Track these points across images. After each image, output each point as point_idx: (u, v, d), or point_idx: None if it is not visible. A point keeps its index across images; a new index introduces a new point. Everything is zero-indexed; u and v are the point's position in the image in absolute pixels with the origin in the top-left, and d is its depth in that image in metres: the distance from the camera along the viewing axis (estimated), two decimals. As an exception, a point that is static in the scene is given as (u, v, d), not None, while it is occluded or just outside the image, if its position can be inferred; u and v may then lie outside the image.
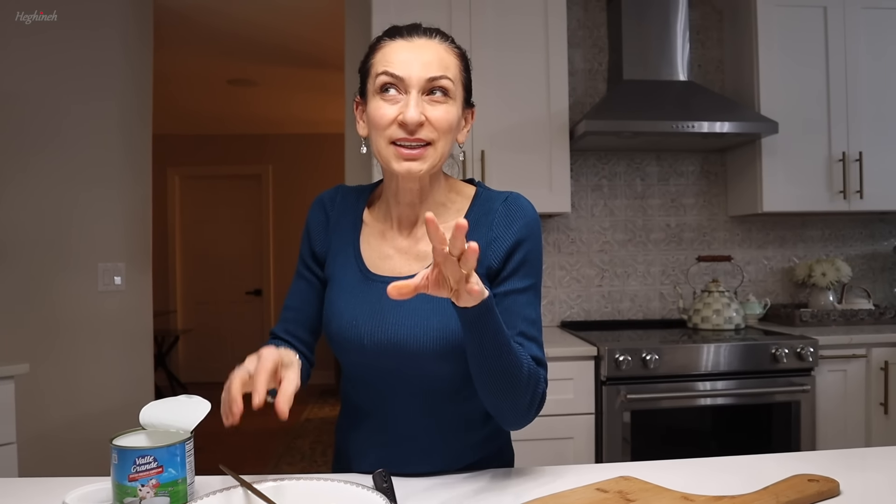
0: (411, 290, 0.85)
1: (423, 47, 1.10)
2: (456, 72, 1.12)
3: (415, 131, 1.07)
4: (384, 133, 1.08)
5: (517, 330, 1.11)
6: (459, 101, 1.13)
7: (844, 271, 3.09)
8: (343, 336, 1.15)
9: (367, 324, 1.13)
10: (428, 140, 1.08)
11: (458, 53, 1.15)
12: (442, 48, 1.11)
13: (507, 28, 2.83)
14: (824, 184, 2.98)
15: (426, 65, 1.08)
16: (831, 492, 0.99)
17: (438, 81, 1.08)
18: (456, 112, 1.11)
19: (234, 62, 4.86)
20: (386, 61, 1.09)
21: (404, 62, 1.08)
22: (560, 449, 2.47)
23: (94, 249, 3.09)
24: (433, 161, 1.10)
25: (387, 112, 1.07)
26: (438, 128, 1.08)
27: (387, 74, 1.08)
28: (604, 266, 3.27)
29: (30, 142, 2.95)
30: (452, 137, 1.13)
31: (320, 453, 4.55)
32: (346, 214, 1.24)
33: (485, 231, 1.15)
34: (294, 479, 0.96)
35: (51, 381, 2.94)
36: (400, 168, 1.08)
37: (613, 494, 0.98)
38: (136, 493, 0.89)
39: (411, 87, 1.07)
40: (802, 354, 2.51)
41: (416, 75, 1.07)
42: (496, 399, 1.05)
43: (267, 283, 7.05)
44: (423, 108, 1.07)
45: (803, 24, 2.97)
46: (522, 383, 1.04)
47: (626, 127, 2.76)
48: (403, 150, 1.07)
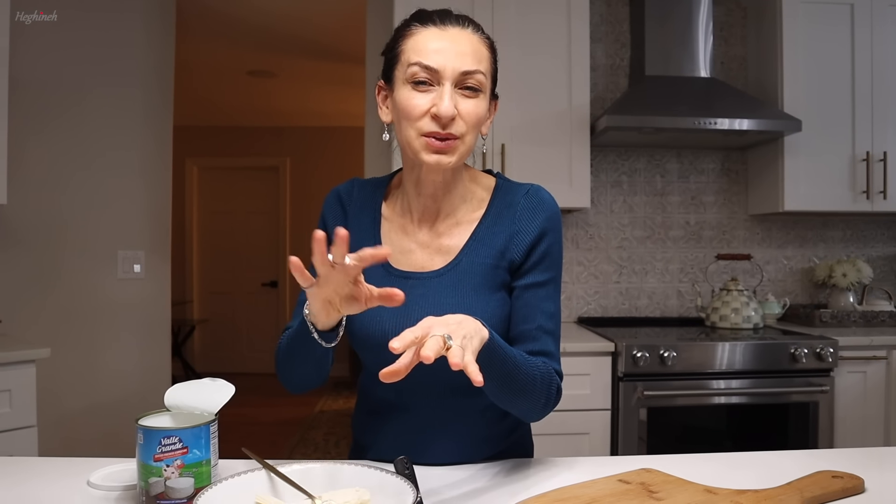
0: (404, 368, 0.84)
1: (457, 37, 1.07)
2: (488, 65, 1.10)
3: (447, 125, 1.05)
4: (415, 124, 1.06)
5: (535, 324, 1.11)
6: (488, 94, 1.11)
7: (865, 272, 3.06)
8: (366, 332, 1.14)
9: (391, 320, 1.12)
10: (459, 134, 1.07)
11: (489, 44, 1.12)
12: (475, 39, 1.09)
13: (529, 23, 2.82)
14: (847, 183, 2.95)
15: (461, 56, 1.06)
16: (856, 489, 0.98)
17: (473, 75, 1.06)
18: (485, 106, 1.10)
19: (255, 53, 4.87)
20: (418, 50, 1.06)
21: (438, 52, 1.05)
22: (576, 444, 2.47)
23: (114, 237, 3.12)
24: (461, 154, 1.09)
25: (419, 103, 1.05)
26: (469, 122, 1.07)
27: (420, 66, 1.05)
28: (622, 262, 3.26)
29: (52, 128, 2.98)
30: (479, 131, 1.12)
31: (333, 444, 4.57)
32: (364, 209, 1.23)
33: (507, 224, 1.15)
34: (319, 463, 0.96)
35: (70, 365, 2.97)
36: (429, 160, 1.07)
37: (636, 486, 0.98)
38: (161, 473, 0.89)
39: (445, 79, 1.05)
40: (822, 355, 2.49)
41: (451, 67, 1.05)
42: (510, 407, 1.07)
43: (283, 274, 7.08)
44: (455, 101, 1.05)
45: (829, 21, 2.93)
46: (536, 392, 1.05)
47: (648, 123, 2.75)
48: (434, 143, 1.06)
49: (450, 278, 1.13)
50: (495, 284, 1.13)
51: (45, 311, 2.96)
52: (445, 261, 1.15)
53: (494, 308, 1.12)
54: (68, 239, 3.02)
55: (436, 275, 1.14)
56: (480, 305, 1.10)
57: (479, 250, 1.14)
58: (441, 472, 1.10)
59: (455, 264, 1.14)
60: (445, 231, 1.17)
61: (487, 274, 1.13)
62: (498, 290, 1.13)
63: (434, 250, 1.17)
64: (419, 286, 1.13)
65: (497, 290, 1.13)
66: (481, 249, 1.14)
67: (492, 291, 1.13)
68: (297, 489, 0.90)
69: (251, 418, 5.21)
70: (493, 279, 1.13)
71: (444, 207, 1.17)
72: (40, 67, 2.94)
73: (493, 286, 1.13)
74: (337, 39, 4.47)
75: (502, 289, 1.14)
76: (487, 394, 1.03)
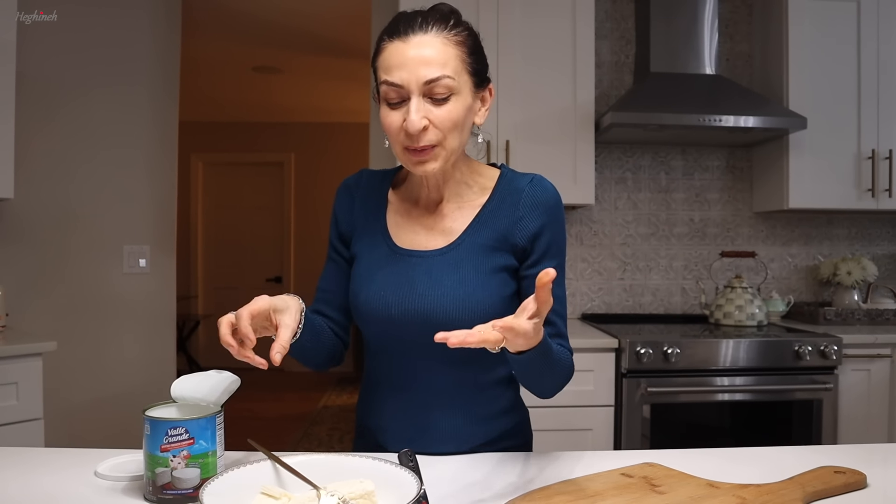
0: (461, 339, 0.84)
1: (420, 45, 1.07)
2: (456, 63, 1.09)
3: (419, 138, 1.08)
4: (395, 139, 1.11)
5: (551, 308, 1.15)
6: (467, 91, 1.11)
7: (870, 270, 3.06)
8: (371, 306, 1.17)
9: (395, 294, 1.16)
10: (434, 142, 1.09)
11: (459, 40, 1.11)
12: (439, 41, 1.08)
13: (534, 19, 2.81)
14: (852, 181, 2.94)
15: (424, 66, 1.06)
16: (858, 484, 0.99)
17: (437, 82, 1.07)
18: (462, 106, 1.10)
19: (260, 49, 4.88)
20: (385, 68, 1.09)
21: (400, 67, 1.06)
22: (578, 440, 2.47)
23: (119, 231, 3.14)
24: (445, 158, 1.12)
25: (394, 120, 1.09)
26: (443, 127, 1.09)
27: (386, 84, 1.08)
28: (626, 259, 3.26)
29: (59, 123, 2.99)
30: (463, 129, 1.13)
31: (337, 440, 4.58)
32: (371, 195, 1.28)
33: (511, 209, 1.18)
34: (323, 455, 0.97)
35: (76, 359, 2.99)
36: (416, 170, 1.12)
37: (639, 480, 0.98)
38: (168, 464, 0.90)
39: (411, 93, 1.07)
40: (826, 352, 2.49)
41: (415, 79, 1.06)
42: (532, 386, 1.12)
43: (287, 270, 7.10)
44: (425, 112, 1.07)
45: (835, 18, 2.92)
46: (559, 375, 1.11)
47: (653, 119, 2.75)
48: (414, 155, 1.10)
49: (452, 257, 1.17)
50: (496, 265, 1.17)
51: (52, 305, 2.97)
52: (448, 241, 1.19)
53: (494, 287, 1.15)
54: (74, 233, 3.03)
55: (438, 253, 1.18)
56: (481, 284, 1.14)
57: (481, 232, 1.18)
58: (444, 463, 1.10)
59: (457, 244, 1.18)
60: (449, 214, 1.21)
61: (489, 255, 1.17)
62: (499, 272, 1.17)
63: (437, 231, 1.21)
64: (422, 264, 1.17)
65: (498, 272, 1.17)
66: (484, 231, 1.19)
67: (493, 272, 1.16)
68: (303, 480, 0.91)
69: (255, 413, 5.23)
70: (495, 260, 1.17)
71: (447, 194, 1.22)
72: (47, 63, 2.95)
73: (494, 267, 1.16)
74: (342, 35, 4.48)
75: (503, 270, 1.18)
76: (518, 377, 1.10)
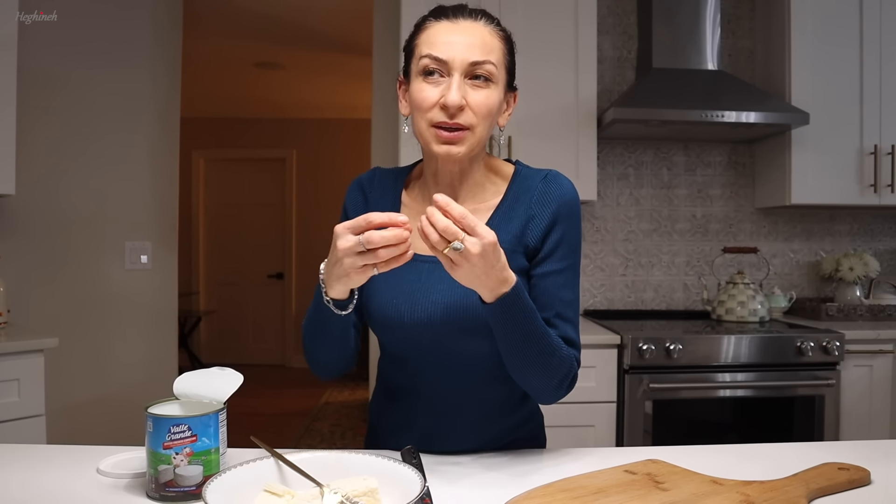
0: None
1: (468, 30, 1.10)
2: (500, 55, 1.12)
3: (455, 115, 1.07)
4: (425, 115, 1.09)
5: (554, 311, 1.12)
6: (502, 86, 1.13)
7: (872, 266, 3.05)
8: (383, 313, 1.16)
9: (407, 302, 1.14)
10: (467, 125, 1.08)
11: (503, 37, 1.15)
12: (487, 31, 1.12)
13: (536, 15, 2.81)
14: (855, 177, 2.93)
15: (470, 48, 1.08)
16: (862, 480, 0.99)
17: (481, 66, 1.08)
18: (497, 96, 1.11)
19: (262, 45, 4.87)
20: (430, 43, 1.09)
21: (448, 44, 1.08)
22: (581, 436, 2.47)
23: (121, 228, 3.13)
24: (472, 145, 1.10)
25: (429, 94, 1.08)
26: (478, 112, 1.09)
27: (430, 58, 1.08)
28: (628, 255, 3.25)
29: (61, 120, 2.99)
30: (492, 122, 1.13)
31: (339, 436, 4.59)
32: (384, 196, 1.25)
33: (524, 210, 1.16)
34: (327, 452, 0.97)
35: (78, 355, 2.99)
36: (439, 150, 1.09)
37: (642, 476, 0.98)
38: (171, 461, 0.90)
39: (454, 70, 1.07)
40: (828, 348, 2.49)
41: (460, 58, 1.07)
42: (523, 378, 1.09)
43: (289, 266, 7.09)
44: (464, 92, 1.07)
45: (838, 14, 2.91)
46: (553, 367, 1.07)
47: (655, 115, 2.74)
48: (443, 133, 1.08)
49: None
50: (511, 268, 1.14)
51: (53, 302, 2.97)
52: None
53: None
54: (76, 230, 3.03)
55: None
56: None
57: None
58: (448, 461, 1.10)
59: None
60: None
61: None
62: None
63: None
64: (436, 269, 1.15)
65: None
66: (498, 234, 1.15)
67: None
68: (306, 477, 0.91)
69: (257, 409, 5.24)
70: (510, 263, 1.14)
71: (461, 195, 1.19)
72: (48, 59, 2.94)
73: None
74: (344, 31, 4.47)
75: (518, 274, 1.14)
76: (503, 355, 1.06)
